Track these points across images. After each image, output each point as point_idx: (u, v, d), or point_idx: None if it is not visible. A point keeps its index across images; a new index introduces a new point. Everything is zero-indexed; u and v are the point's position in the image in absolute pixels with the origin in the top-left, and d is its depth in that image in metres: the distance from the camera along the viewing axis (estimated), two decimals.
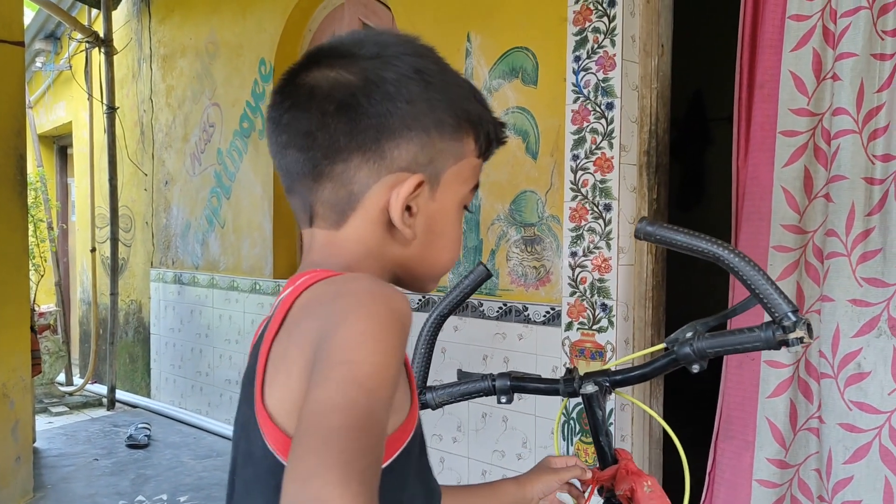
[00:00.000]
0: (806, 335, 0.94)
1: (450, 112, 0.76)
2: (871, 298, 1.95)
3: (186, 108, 4.63)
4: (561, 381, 1.12)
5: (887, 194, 1.93)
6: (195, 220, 4.58)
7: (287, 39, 3.96)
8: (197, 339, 4.55)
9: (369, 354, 0.58)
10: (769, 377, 2.12)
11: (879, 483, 1.93)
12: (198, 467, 3.76)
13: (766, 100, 2.14)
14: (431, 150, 0.75)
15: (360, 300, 0.63)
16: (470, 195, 0.81)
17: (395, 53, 0.75)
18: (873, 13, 1.94)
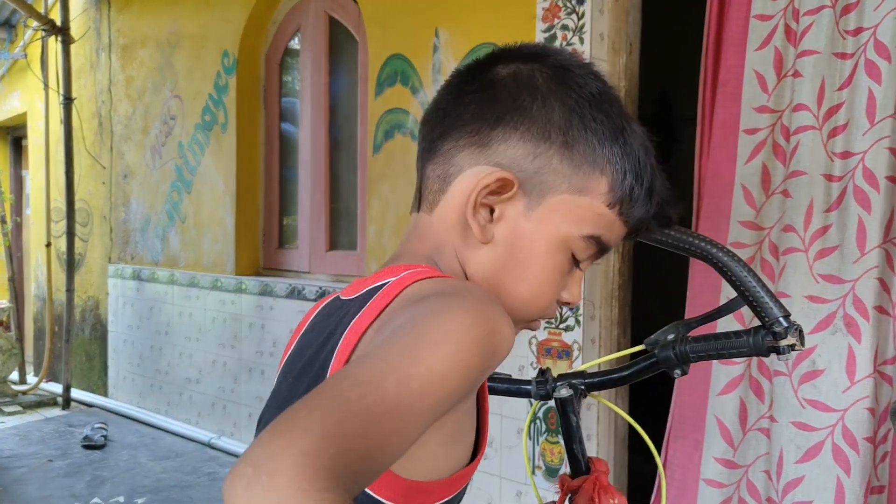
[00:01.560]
0: (798, 342, 0.90)
1: (589, 141, 0.68)
2: (827, 295, 1.97)
3: (147, 99, 4.52)
4: (533, 382, 1.06)
5: (845, 191, 1.95)
6: (155, 215, 4.48)
7: (251, 32, 3.89)
8: (156, 337, 4.46)
9: (437, 361, 0.51)
10: (720, 375, 2.13)
11: (831, 483, 1.94)
12: (156, 468, 3.68)
13: (729, 98, 2.15)
14: (544, 163, 0.68)
15: (464, 305, 0.57)
16: (581, 245, 0.70)
17: (557, 68, 0.71)
18: (836, 12, 1.96)
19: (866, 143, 1.91)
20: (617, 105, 0.71)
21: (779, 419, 2.02)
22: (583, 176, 0.68)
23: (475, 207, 0.68)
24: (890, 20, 1.87)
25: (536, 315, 0.73)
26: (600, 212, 0.69)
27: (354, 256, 3.53)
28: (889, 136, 1.88)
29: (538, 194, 0.68)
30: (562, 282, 0.72)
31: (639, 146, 0.70)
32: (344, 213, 3.68)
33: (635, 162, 0.69)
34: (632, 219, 0.71)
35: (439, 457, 0.63)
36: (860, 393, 1.91)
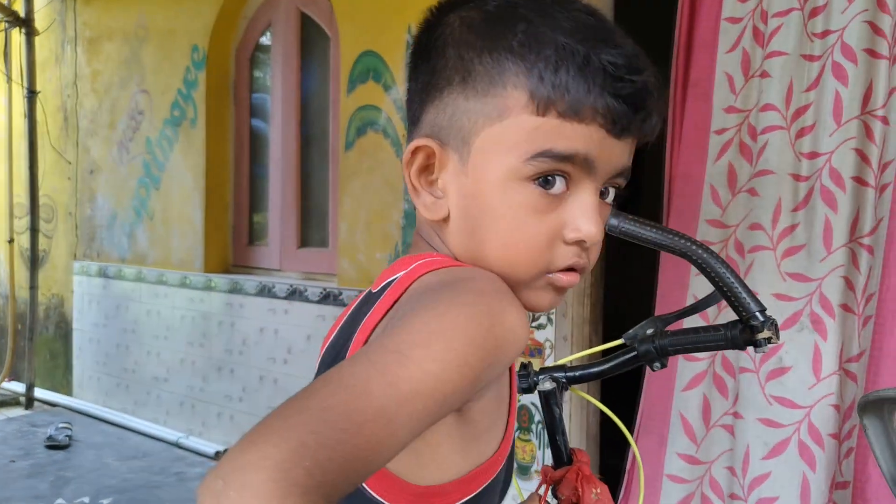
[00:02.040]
0: (774, 336, 0.91)
1: (481, 59, 0.61)
2: (794, 293, 2.00)
3: (113, 94, 4.45)
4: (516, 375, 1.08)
5: (812, 191, 1.98)
6: (122, 211, 4.41)
7: (221, 26, 3.84)
8: (123, 335, 4.39)
9: (427, 359, 0.48)
10: (685, 371, 2.15)
11: (797, 479, 1.98)
12: (122, 468, 3.62)
13: (699, 99, 2.18)
14: (453, 110, 0.62)
15: (460, 299, 0.53)
16: (533, 168, 0.60)
17: (459, 4, 0.65)
18: (804, 15, 2.00)
19: (833, 144, 1.95)
20: (526, 1, 0.62)
21: (745, 416, 2.05)
22: (493, 100, 0.60)
23: (415, 189, 0.65)
24: (856, 23, 1.91)
25: (537, 271, 0.63)
26: (533, 125, 0.60)
27: (326, 254, 3.50)
28: (855, 137, 1.92)
29: (463, 144, 0.62)
30: (544, 221, 0.62)
31: (557, 30, 0.60)
32: (315, 210, 3.66)
33: (551, 50, 0.59)
34: (580, 109, 0.59)
35: (454, 458, 0.60)
36: (826, 390, 1.95)
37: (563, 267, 0.64)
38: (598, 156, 0.61)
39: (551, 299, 0.66)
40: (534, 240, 0.62)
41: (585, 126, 0.60)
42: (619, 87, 0.59)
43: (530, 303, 0.65)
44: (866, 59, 1.90)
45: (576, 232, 0.62)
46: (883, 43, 1.87)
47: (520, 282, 0.63)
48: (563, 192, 0.62)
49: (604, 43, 0.60)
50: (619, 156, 0.63)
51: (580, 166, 0.61)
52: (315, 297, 3.33)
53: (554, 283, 0.64)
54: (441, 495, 0.59)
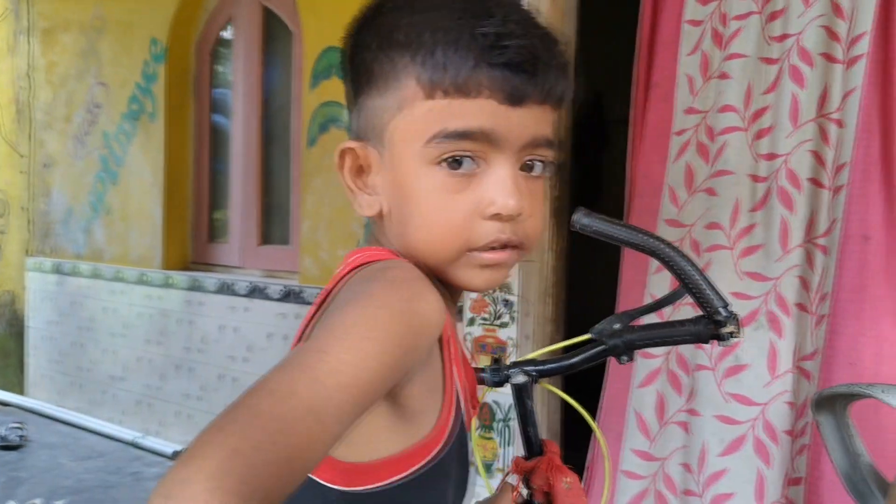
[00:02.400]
0: (736, 330, 0.95)
1: (377, 58, 0.65)
2: (751, 292, 2.03)
3: (70, 86, 4.34)
4: (488, 370, 1.09)
5: (770, 192, 2.02)
6: (78, 207, 4.31)
7: (181, 19, 3.78)
8: (78, 333, 4.29)
9: (345, 351, 0.50)
10: (641, 368, 2.18)
11: (752, 475, 2.01)
12: (77, 469, 3.55)
13: (660, 100, 2.20)
14: (367, 111, 0.67)
15: (374, 290, 0.57)
16: (435, 150, 0.63)
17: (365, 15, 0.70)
18: (763, 19, 2.03)
19: (790, 146, 1.98)
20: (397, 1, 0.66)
21: (702, 413, 2.08)
22: (393, 93, 0.64)
23: (352, 191, 0.69)
24: (813, 28, 1.95)
25: (457, 249, 0.65)
26: (426, 108, 0.62)
27: (288, 251, 3.47)
28: (811, 139, 1.96)
29: (379, 141, 0.66)
30: (458, 200, 0.63)
31: (430, 16, 0.63)
32: (277, 207, 3.62)
33: (428, 34, 0.62)
34: (466, 85, 0.61)
35: (383, 438, 0.62)
36: (781, 387, 1.99)
37: (486, 243, 0.64)
38: (497, 128, 0.62)
39: (487, 277, 0.67)
40: (450, 220, 0.63)
41: (474, 100, 0.61)
42: (496, 55, 0.60)
43: (463, 282, 0.67)
44: (823, 63, 1.94)
45: (491, 206, 0.63)
46: (838, 47, 1.92)
47: (444, 261, 0.65)
48: (474, 170, 0.63)
49: (476, 16, 0.61)
50: (524, 125, 0.64)
51: (482, 141, 0.62)
52: (276, 294, 3.30)
53: (479, 261, 0.65)
54: (370, 472, 0.61)
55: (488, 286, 0.68)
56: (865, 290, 1.87)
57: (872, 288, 1.86)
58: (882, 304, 1.85)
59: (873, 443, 1.79)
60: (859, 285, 1.87)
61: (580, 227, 0.99)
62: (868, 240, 1.86)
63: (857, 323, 1.86)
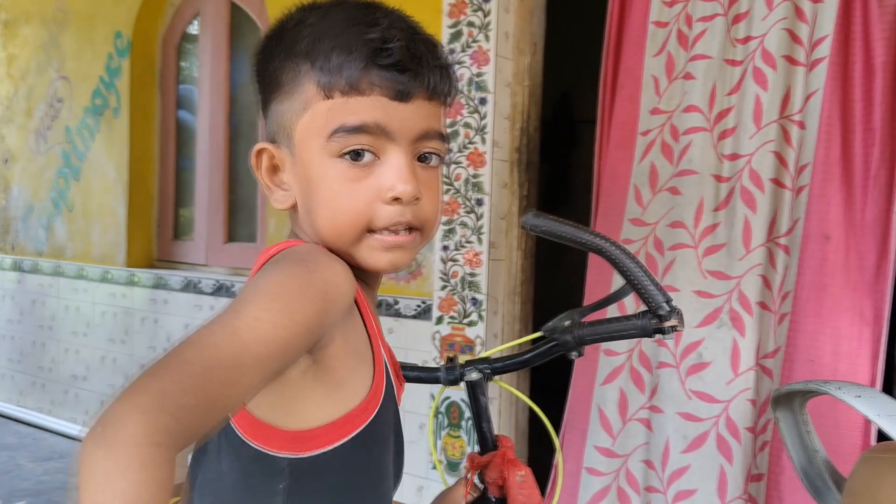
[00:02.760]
0: (679, 324, 0.99)
1: (283, 67, 0.73)
2: (714, 290, 2.06)
3: (30, 80, 4.25)
4: (442, 368, 1.13)
5: (733, 192, 2.05)
6: (39, 203, 4.23)
7: (147, 13, 3.72)
8: (39, 332, 4.21)
9: (260, 309, 0.59)
10: (604, 365, 2.20)
11: (714, 471, 2.04)
12: (37, 470, 3.48)
13: (627, 101, 2.22)
14: (275, 115, 0.75)
15: (285, 261, 0.66)
16: (337, 145, 0.71)
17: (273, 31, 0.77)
18: (728, 21, 2.06)
19: (753, 147, 2.01)
20: (315, 13, 0.73)
21: (665, 410, 2.10)
22: (299, 97, 0.72)
23: (269, 188, 0.76)
24: (776, 31, 1.98)
25: (359, 231, 0.72)
26: (326, 107, 0.70)
27: (254, 249, 3.43)
28: (774, 140, 1.99)
29: (289, 140, 0.73)
30: (358, 187, 0.71)
31: (329, 27, 0.71)
32: (243, 204, 3.58)
33: (326, 43, 0.70)
34: (358, 84, 0.69)
35: (317, 405, 0.68)
36: (743, 385, 2.01)
37: (386, 224, 0.72)
38: (390, 122, 0.70)
39: (390, 258, 0.74)
40: (352, 204, 0.71)
41: (366, 97, 0.70)
42: (383, 56, 0.69)
43: (368, 263, 0.74)
44: (785, 65, 1.97)
45: (390, 191, 0.71)
46: (801, 50, 1.95)
47: (348, 243, 0.73)
48: (373, 161, 0.72)
49: (366, 24, 0.70)
50: (414, 119, 0.72)
51: (376, 134, 0.70)
52: None
53: (381, 243, 0.73)
54: (312, 439, 0.68)
55: (392, 267, 0.75)
56: (825, 288, 1.90)
57: (832, 286, 1.89)
58: (841, 302, 1.89)
59: (831, 438, 1.82)
60: (819, 284, 1.91)
61: (530, 228, 1.04)
62: (828, 239, 1.90)
63: (817, 321, 1.90)
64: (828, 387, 1.22)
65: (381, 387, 0.72)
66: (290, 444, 0.68)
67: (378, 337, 0.75)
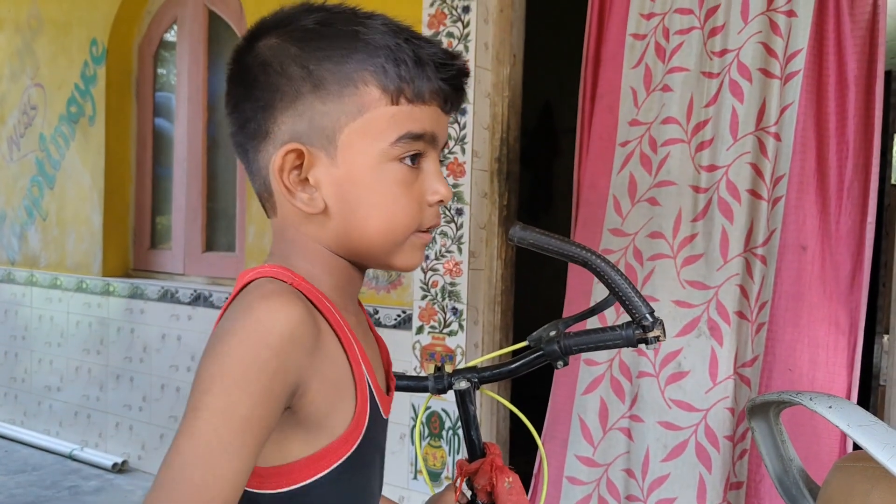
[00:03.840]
0: (661, 334, 1.02)
1: (327, 67, 0.71)
2: (693, 300, 2.08)
3: (4, 87, 4.19)
4: (431, 378, 1.14)
5: (710, 202, 2.07)
6: (12, 211, 4.16)
7: (123, 20, 3.68)
8: (12, 342, 4.14)
9: (214, 399, 0.59)
10: (584, 375, 2.21)
11: (694, 480, 2.06)
12: (9, 483, 3.41)
13: (605, 111, 2.24)
14: (312, 115, 0.72)
15: (229, 328, 0.63)
16: (398, 149, 0.72)
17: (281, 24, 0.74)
18: (704, 34, 2.08)
19: (730, 158, 2.04)
20: (341, 16, 0.73)
21: (645, 419, 2.11)
22: (349, 99, 0.71)
23: (290, 192, 0.73)
24: (751, 44, 2.01)
25: (408, 232, 0.75)
26: (391, 113, 0.72)
27: (232, 258, 3.41)
28: (750, 151, 2.02)
29: (329, 142, 0.72)
30: (412, 190, 0.74)
31: (382, 35, 0.72)
32: (222, 213, 3.55)
33: (386, 51, 0.71)
34: (423, 94, 0.73)
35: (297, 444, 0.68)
36: (721, 393, 2.03)
37: (431, 224, 0.77)
38: (438, 130, 0.75)
39: (420, 256, 0.79)
40: (409, 207, 0.74)
41: (428, 107, 0.73)
42: (446, 71, 0.73)
43: (405, 261, 0.77)
44: (760, 78, 2.00)
45: (435, 195, 0.75)
46: (776, 63, 1.98)
47: (396, 243, 0.75)
48: (418, 165, 0.75)
49: (420, 41, 0.73)
50: (446, 128, 0.78)
51: (428, 141, 0.74)
52: (221, 302, 3.24)
53: (421, 241, 0.77)
54: (286, 474, 0.68)
55: (420, 263, 0.81)
56: (802, 297, 1.93)
57: (809, 296, 1.92)
58: (818, 312, 1.91)
59: (811, 446, 1.85)
60: (796, 293, 1.93)
61: (517, 241, 1.06)
62: (805, 249, 1.93)
63: (795, 330, 1.92)
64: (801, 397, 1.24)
65: (365, 414, 0.72)
66: (269, 480, 0.68)
67: (360, 359, 0.74)
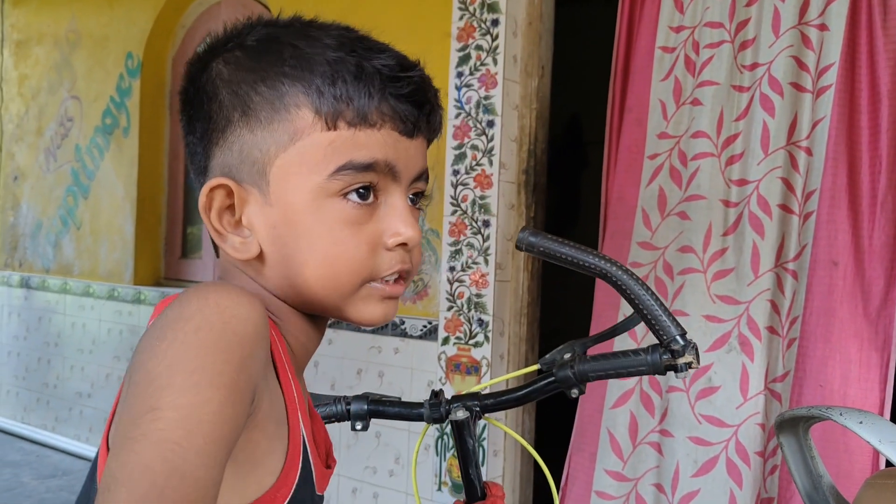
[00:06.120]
0: (694, 360, 0.89)
1: (256, 90, 0.61)
2: (723, 315, 2.06)
3: (42, 99, 4.29)
4: (426, 404, 1.00)
5: (741, 217, 2.06)
6: (48, 220, 4.25)
7: (157, 34, 3.76)
8: (45, 349, 4.22)
9: (175, 395, 0.45)
10: (614, 388, 2.20)
11: (724, 496, 2.03)
12: (40, 488, 3.47)
13: (634, 124, 2.24)
14: (241, 145, 0.61)
15: (176, 316, 0.50)
16: (340, 183, 0.60)
17: (223, 44, 0.65)
18: (735, 47, 2.08)
19: (760, 173, 2.02)
20: (289, 31, 0.63)
21: (675, 434, 2.10)
22: (280, 125, 0.60)
23: (220, 234, 0.63)
24: (783, 58, 2.00)
25: (360, 281, 0.63)
26: (327, 140, 0.60)
27: None
28: (781, 166, 2.00)
29: (260, 177, 0.61)
30: (361, 232, 0.62)
31: (323, 49, 0.61)
32: None
33: (324, 67, 0.60)
34: (369, 116, 0.60)
35: (233, 486, 0.54)
36: (752, 409, 2.01)
37: (390, 272, 0.64)
38: (397, 159, 0.62)
39: (384, 310, 0.65)
40: (355, 251, 0.62)
41: (377, 131, 0.61)
42: (398, 86, 0.61)
43: (362, 316, 0.65)
44: (792, 92, 1.99)
45: (396, 237, 0.63)
46: (807, 77, 1.97)
47: (343, 295, 0.63)
48: (373, 201, 0.62)
49: (370, 50, 0.62)
50: (415, 157, 0.65)
51: (383, 173, 0.62)
52: None
53: (380, 293, 0.64)
54: None
55: (385, 319, 0.66)
56: (834, 313, 1.90)
57: (840, 311, 1.90)
58: (849, 327, 1.89)
59: (842, 463, 1.82)
60: (828, 309, 1.91)
61: (526, 247, 0.93)
62: (836, 265, 1.90)
63: (826, 346, 1.90)
64: (831, 412, 1.22)
65: (295, 472, 0.58)
66: None
67: (298, 405, 0.61)
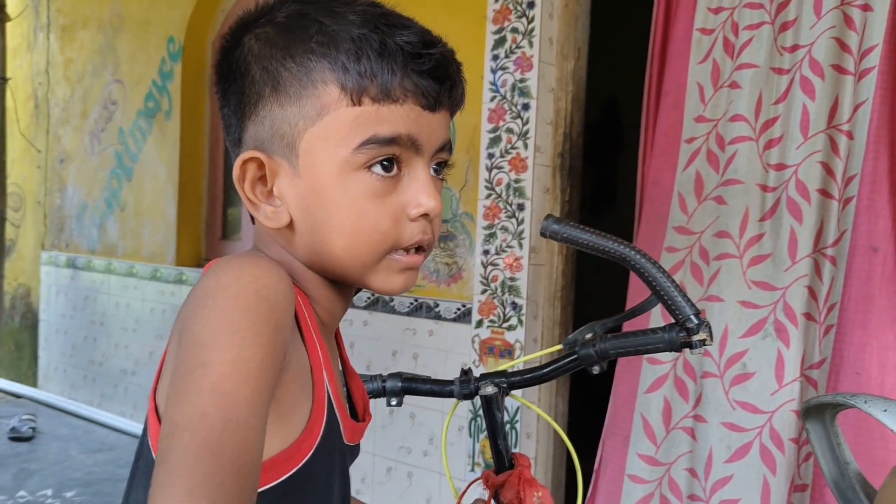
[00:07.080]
0: (708, 338, 0.94)
1: (285, 66, 0.63)
2: (759, 301, 2.04)
3: (86, 82, 4.39)
4: (456, 382, 1.08)
5: (779, 202, 2.03)
6: (92, 202, 4.36)
7: (198, 18, 3.81)
8: (91, 327, 4.34)
9: (223, 352, 0.51)
10: (648, 373, 2.20)
11: (758, 482, 2.02)
12: (87, 462, 3.59)
13: (671, 108, 2.21)
14: (272, 119, 0.64)
15: (215, 285, 0.56)
16: (364, 156, 0.63)
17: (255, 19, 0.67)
18: (774, 29, 2.04)
19: (799, 157, 1.99)
20: (317, 6, 0.65)
21: (709, 419, 2.09)
22: (308, 101, 0.63)
23: (254, 204, 0.67)
24: (824, 39, 1.95)
25: (383, 251, 0.66)
26: (353, 115, 0.63)
27: None
28: (821, 150, 1.97)
29: (290, 150, 0.64)
30: (385, 203, 0.65)
31: (348, 25, 0.63)
32: None
33: (349, 43, 0.62)
34: (392, 91, 0.63)
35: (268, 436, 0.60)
36: (787, 396, 2.00)
37: (411, 242, 0.67)
38: (420, 133, 0.65)
39: (404, 280, 0.69)
40: (379, 222, 0.65)
41: (400, 106, 0.63)
42: (420, 62, 0.63)
43: (382, 285, 0.68)
44: (833, 75, 1.95)
45: (418, 207, 0.66)
46: (849, 59, 1.92)
47: (367, 265, 0.67)
48: (396, 173, 0.65)
49: (394, 27, 0.64)
50: (437, 130, 0.67)
51: (406, 146, 0.65)
52: None
53: (400, 264, 0.68)
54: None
55: (405, 288, 0.69)
56: (872, 300, 1.87)
57: (879, 298, 1.87)
58: (888, 315, 1.86)
59: (871, 451, 1.80)
60: (866, 296, 1.88)
61: (549, 234, 0.98)
62: (876, 251, 1.87)
63: (864, 333, 1.87)
64: (855, 400, 1.21)
65: (320, 424, 0.63)
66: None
67: (323, 364, 0.66)
